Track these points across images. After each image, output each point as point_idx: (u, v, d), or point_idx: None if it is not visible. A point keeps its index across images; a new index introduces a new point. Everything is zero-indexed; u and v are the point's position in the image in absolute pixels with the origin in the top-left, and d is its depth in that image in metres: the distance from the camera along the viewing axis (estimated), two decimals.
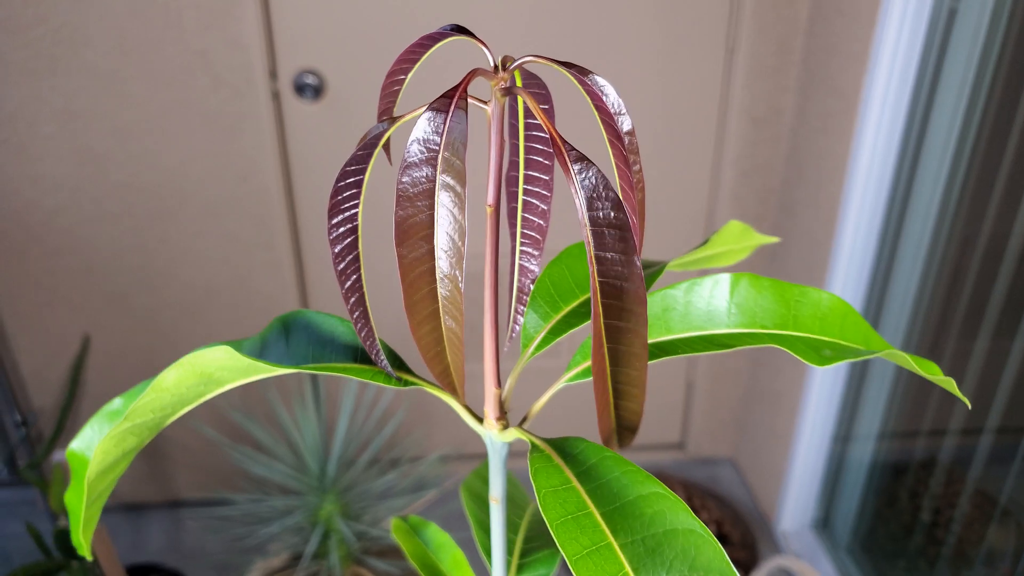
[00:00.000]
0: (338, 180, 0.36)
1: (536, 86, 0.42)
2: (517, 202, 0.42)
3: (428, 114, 0.32)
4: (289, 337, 0.45)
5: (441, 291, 0.34)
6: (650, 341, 0.46)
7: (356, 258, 0.38)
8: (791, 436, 1.59)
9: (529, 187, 0.42)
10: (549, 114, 0.41)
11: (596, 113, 0.34)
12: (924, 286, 1.37)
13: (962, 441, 1.41)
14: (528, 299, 0.45)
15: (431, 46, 0.39)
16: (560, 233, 0.98)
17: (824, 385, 1.50)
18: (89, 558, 0.45)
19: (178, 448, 1.68)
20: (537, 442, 0.40)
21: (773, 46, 1.44)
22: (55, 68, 1.32)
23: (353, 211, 0.37)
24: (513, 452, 1.88)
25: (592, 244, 0.32)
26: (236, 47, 1.34)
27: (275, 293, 1.55)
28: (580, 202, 0.32)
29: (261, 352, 0.44)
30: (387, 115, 0.39)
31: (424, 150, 0.32)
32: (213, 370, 0.41)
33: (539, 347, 0.47)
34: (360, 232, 0.37)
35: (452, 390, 0.38)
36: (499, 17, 1.39)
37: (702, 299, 0.47)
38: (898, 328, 1.42)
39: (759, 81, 1.46)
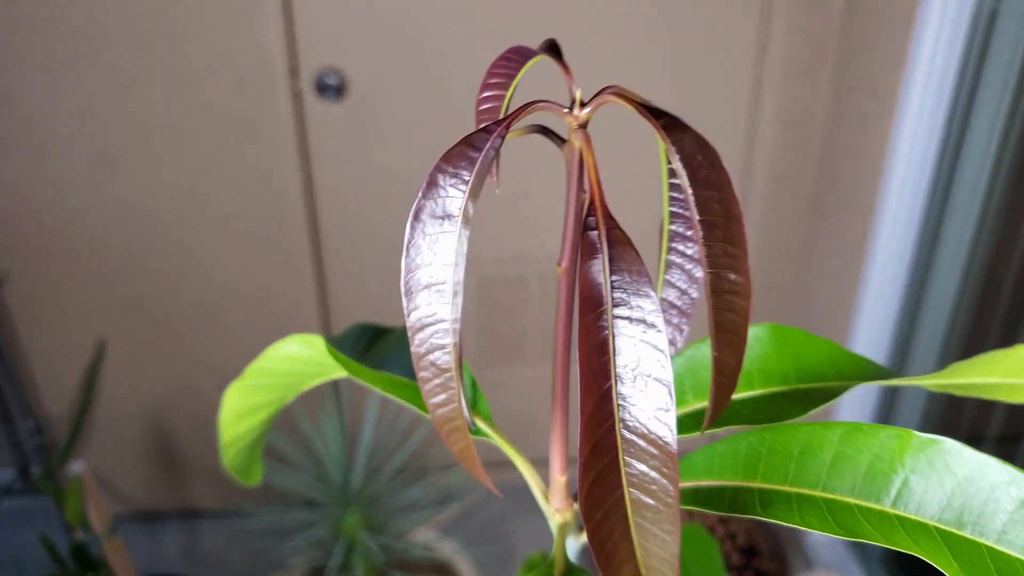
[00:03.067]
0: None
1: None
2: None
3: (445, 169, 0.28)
4: (382, 342, 0.43)
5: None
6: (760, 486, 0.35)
7: None
8: None
9: (674, 245, 0.37)
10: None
11: (689, 188, 0.26)
12: (963, 291, 1.34)
13: (998, 449, 1.38)
14: None
15: (522, 62, 0.35)
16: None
17: (855, 402, 1.47)
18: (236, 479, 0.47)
19: (196, 455, 1.65)
20: None
21: (806, 47, 1.41)
22: (73, 68, 1.29)
23: None
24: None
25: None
26: (258, 47, 1.31)
27: (295, 298, 1.52)
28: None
29: (360, 357, 0.42)
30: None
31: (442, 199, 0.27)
32: (321, 353, 0.40)
33: None
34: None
35: (475, 471, 0.33)
36: (514, 13, 1.36)
37: (862, 454, 0.34)
38: (935, 333, 1.39)
39: (791, 83, 1.43)
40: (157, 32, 1.29)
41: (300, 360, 0.42)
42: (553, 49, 0.34)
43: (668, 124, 0.26)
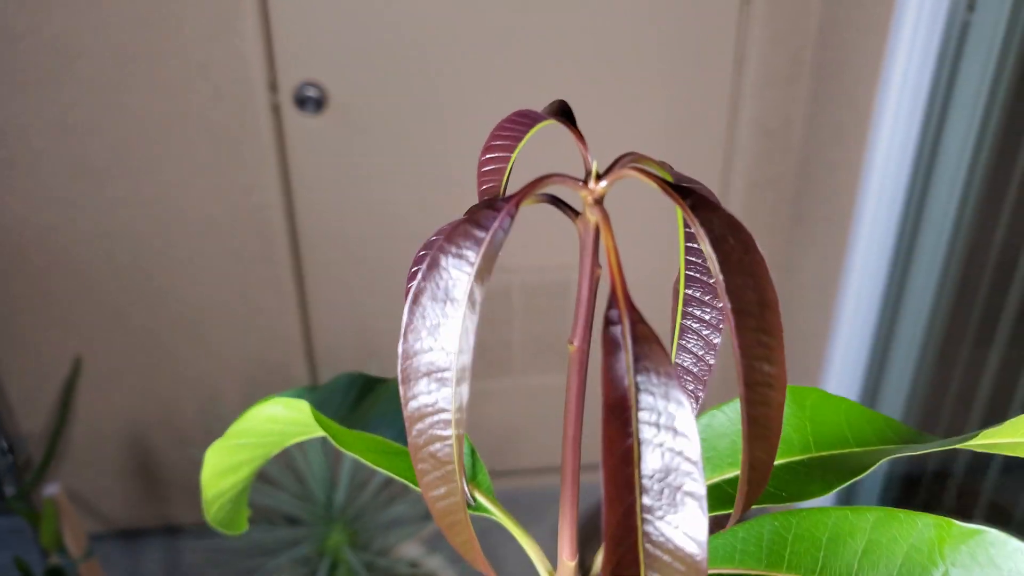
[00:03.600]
0: (416, 261, 0.31)
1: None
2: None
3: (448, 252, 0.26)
4: (373, 395, 0.41)
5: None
6: None
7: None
8: None
9: (690, 309, 0.34)
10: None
11: (720, 275, 0.24)
12: (939, 297, 1.36)
13: (973, 461, 1.40)
14: None
15: (530, 125, 0.32)
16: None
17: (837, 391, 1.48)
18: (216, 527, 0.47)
19: (177, 472, 1.62)
20: None
21: (784, 57, 1.43)
22: (49, 80, 1.27)
23: None
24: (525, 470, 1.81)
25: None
26: (237, 59, 1.30)
27: (277, 311, 1.50)
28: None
29: (348, 413, 0.41)
30: (491, 195, 0.34)
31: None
32: (304, 416, 0.38)
33: None
34: None
35: (477, 564, 0.32)
36: (486, 17, 1.36)
37: (897, 545, 0.31)
38: (914, 336, 1.40)
39: (770, 92, 1.45)
40: (134, 43, 1.27)
41: (283, 421, 0.40)
42: (565, 113, 0.32)
43: (695, 203, 0.24)
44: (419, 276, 0.25)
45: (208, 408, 1.54)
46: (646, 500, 0.23)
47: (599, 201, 0.27)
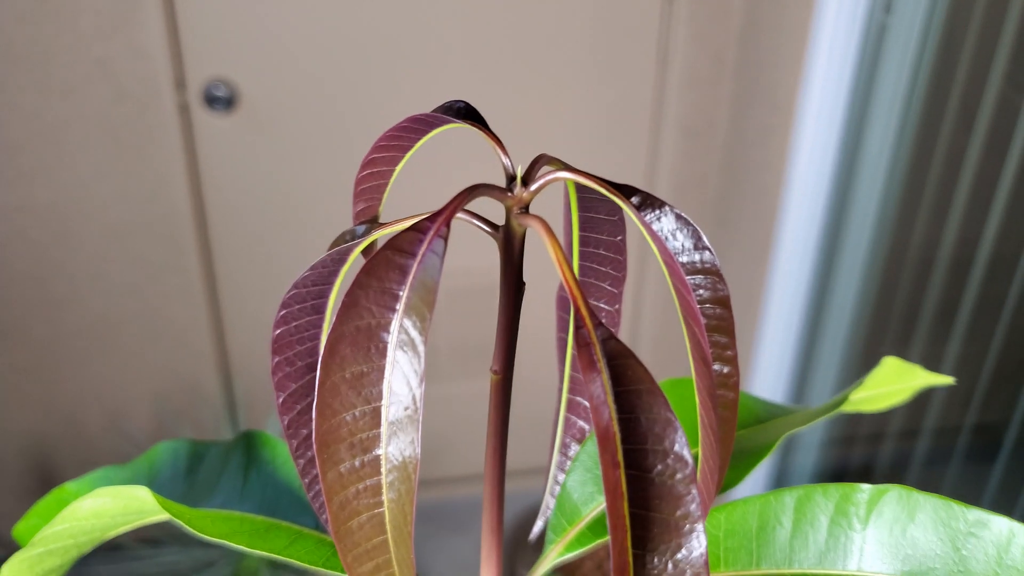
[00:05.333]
0: (286, 304, 0.26)
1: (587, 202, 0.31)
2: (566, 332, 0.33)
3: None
4: (248, 471, 0.36)
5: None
6: None
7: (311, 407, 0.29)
8: None
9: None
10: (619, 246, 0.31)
11: (664, 269, 0.23)
12: (863, 293, 1.38)
13: (900, 444, 1.42)
14: (571, 464, 0.34)
15: (424, 131, 0.28)
16: None
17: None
18: None
19: None
20: None
21: (707, 57, 1.42)
22: None
23: (312, 344, 0.27)
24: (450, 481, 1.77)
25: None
26: (139, 55, 1.23)
27: (188, 323, 1.44)
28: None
29: (212, 488, 0.36)
30: (367, 216, 0.29)
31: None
32: (142, 504, 0.33)
33: (573, 545, 0.35)
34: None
35: None
36: (408, 19, 1.32)
37: (819, 519, 0.32)
38: (837, 335, 1.42)
39: (693, 92, 1.44)
40: (24, 38, 1.19)
41: (109, 514, 0.35)
42: (472, 116, 0.28)
43: (642, 202, 0.21)
44: (334, 320, 0.21)
45: (115, 424, 1.46)
46: (639, 532, 0.21)
47: (526, 209, 0.24)
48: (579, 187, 0.30)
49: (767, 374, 1.48)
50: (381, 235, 0.27)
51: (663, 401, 0.20)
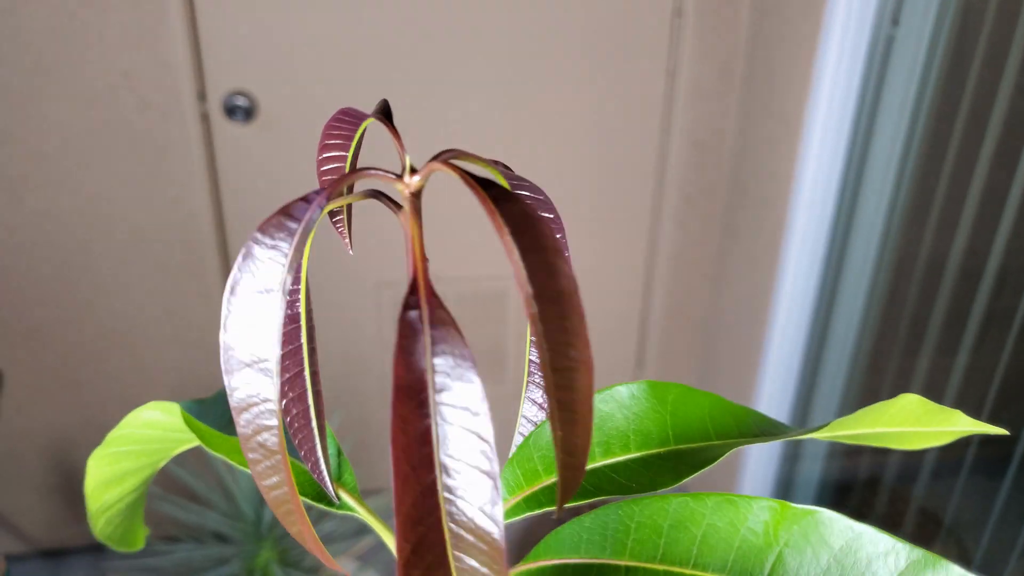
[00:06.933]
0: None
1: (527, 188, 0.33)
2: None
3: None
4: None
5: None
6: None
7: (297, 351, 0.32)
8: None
9: None
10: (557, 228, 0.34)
11: (520, 262, 0.24)
12: (870, 304, 1.38)
13: (908, 456, 1.42)
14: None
15: (357, 123, 0.33)
16: None
17: (772, 400, 1.50)
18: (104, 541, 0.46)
19: None
20: None
21: (714, 70, 1.44)
22: None
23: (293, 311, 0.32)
24: None
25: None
26: (163, 67, 1.28)
27: (205, 324, 1.47)
28: None
29: (230, 421, 0.40)
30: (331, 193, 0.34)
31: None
32: (177, 420, 0.38)
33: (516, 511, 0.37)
34: (304, 318, 0.32)
35: (316, 552, 0.32)
36: (422, 36, 1.35)
37: (734, 524, 0.32)
38: (845, 346, 1.42)
39: (701, 105, 1.46)
40: (53, 50, 1.24)
41: (160, 427, 0.40)
42: (384, 112, 0.33)
43: (496, 196, 0.24)
44: (235, 267, 0.26)
45: None
46: (448, 481, 0.23)
47: (416, 195, 0.28)
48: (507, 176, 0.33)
49: (773, 384, 1.49)
50: (332, 207, 0.32)
51: (472, 366, 0.23)
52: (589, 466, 0.37)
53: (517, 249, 0.23)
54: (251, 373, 0.25)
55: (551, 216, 0.33)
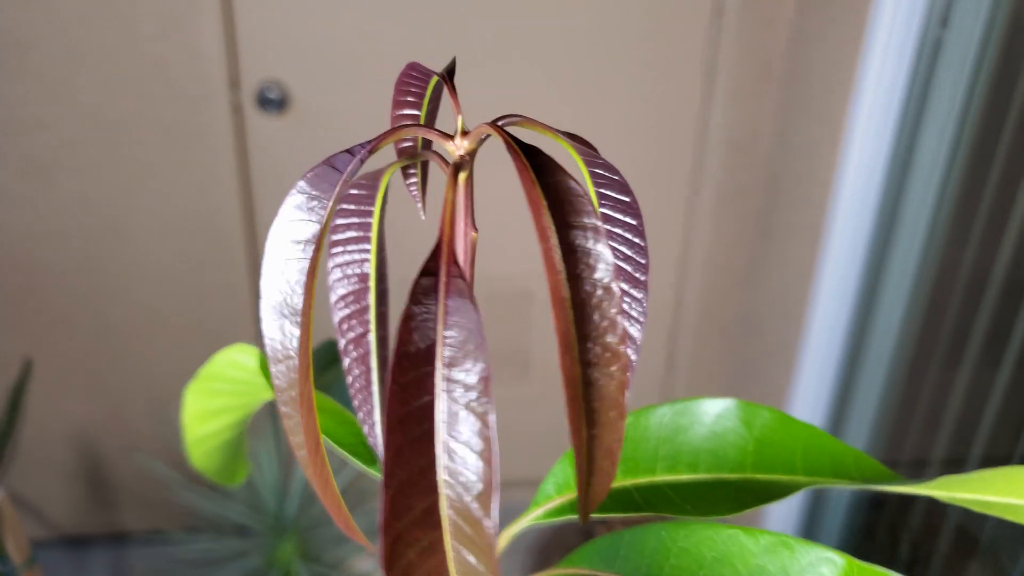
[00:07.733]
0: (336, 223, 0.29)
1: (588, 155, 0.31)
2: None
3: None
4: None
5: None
6: None
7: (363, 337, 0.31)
8: None
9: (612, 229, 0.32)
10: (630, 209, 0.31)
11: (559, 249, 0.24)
12: (910, 313, 1.34)
13: (945, 471, 1.38)
14: None
15: (426, 80, 0.33)
16: None
17: (806, 405, 1.46)
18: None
19: (125, 478, 1.58)
20: None
21: (753, 69, 1.40)
22: None
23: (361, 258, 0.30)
24: None
25: None
26: (196, 56, 1.27)
27: (230, 314, 1.47)
28: None
29: (315, 375, 0.40)
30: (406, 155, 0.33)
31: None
32: (258, 364, 0.39)
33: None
34: (372, 290, 0.30)
35: (341, 524, 0.30)
36: (460, 30, 1.34)
37: (786, 572, 0.29)
38: (883, 353, 1.39)
39: (738, 105, 1.43)
40: (87, 38, 1.24)
41: (243, 368, 0.41)
42: (448, 73, 0.32)
43: (540, 165, 0.22)
44: (278, 215, 0.25)
45: (159, 413, 1.50)
46: (448, 463, 0.22)
47: (464, 158, 0.26)
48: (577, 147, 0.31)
49: (808, 390, 1.45)
50: (397, 166, 0.31)
51: (483, 343, 0.21)
52: (646, 480, 0.34)
53: (553, 224, 0.21)
54: (287, 324, 0.24)
55: (627, 200, 0.30)
